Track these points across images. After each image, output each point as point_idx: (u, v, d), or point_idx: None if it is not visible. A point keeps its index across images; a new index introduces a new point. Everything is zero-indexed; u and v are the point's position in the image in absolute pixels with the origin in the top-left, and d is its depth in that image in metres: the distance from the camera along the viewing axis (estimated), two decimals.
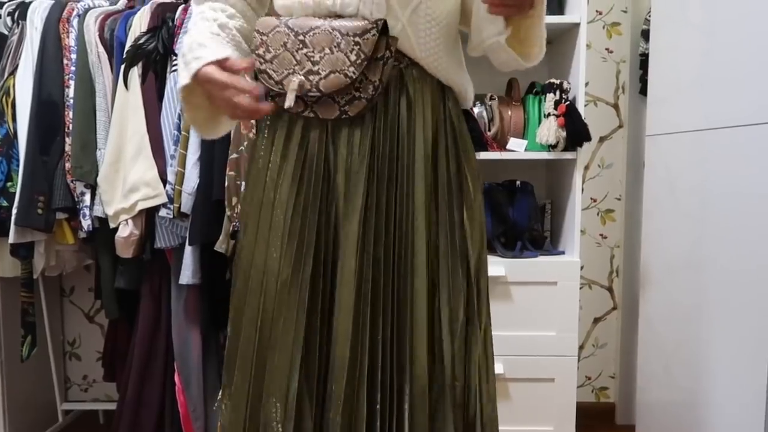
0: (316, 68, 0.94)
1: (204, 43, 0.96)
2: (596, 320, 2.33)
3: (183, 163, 1.63)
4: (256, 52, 0.99)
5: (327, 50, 0.94)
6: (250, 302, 1.01)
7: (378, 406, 0.96)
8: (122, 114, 1.67)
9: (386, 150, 0.99)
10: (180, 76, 0.96)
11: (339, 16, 0.96)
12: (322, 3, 0.96)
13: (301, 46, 0.95)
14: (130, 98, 1.67)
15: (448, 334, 0.99)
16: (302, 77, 0.95)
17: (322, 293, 0.98)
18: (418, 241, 0.98)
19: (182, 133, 1.64)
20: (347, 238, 0.96)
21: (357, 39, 0.92)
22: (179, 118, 1.65)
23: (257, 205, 1.03)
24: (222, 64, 0.93)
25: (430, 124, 1.01)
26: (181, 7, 1.72)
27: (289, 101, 0.95)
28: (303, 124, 1.00)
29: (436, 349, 0.99)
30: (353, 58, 0.92)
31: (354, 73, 0.93)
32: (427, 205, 0.99)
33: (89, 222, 1.69)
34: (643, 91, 2.13)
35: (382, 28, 0.94)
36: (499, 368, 1.80)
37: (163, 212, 1.64)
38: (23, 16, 1.77)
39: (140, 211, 1.65)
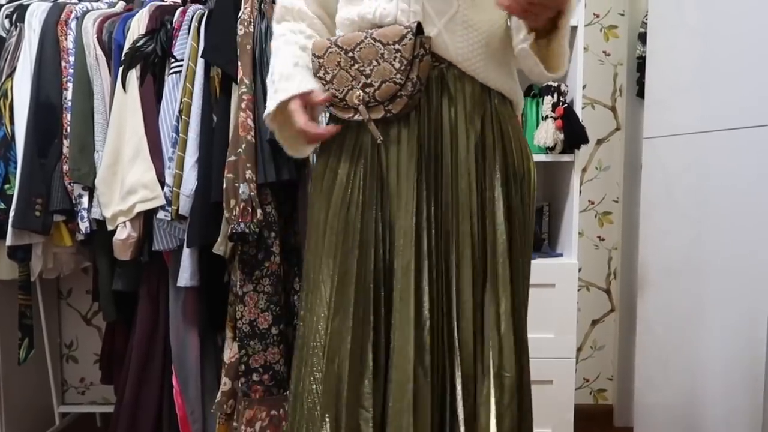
0: (369, 80, 1.02)
1: (289, 75, 1.08)
2: (594, 322, 2.33)
3: (181, 166, 1.63)
4: (317, 75, 1.07)
5: (374, 62, 1.01)
6: (313, 299, 1.08)
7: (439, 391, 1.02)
8: (120, 116, 1.67)
9: (431, 147, 1.04)
10: (268, 103, 1.09)
11: (379, 26, 1.03)
12: (365, 17, 1.04)
13: (352, 62, 1.03)
14: (128, 100, 1.67)
15: (495, 326, 1.03)
16: (360, 91, 1.03)
17: (384, 286, 1.04)
18: (463, 235, 1.03)
19: (180, 135, 1.64)
20: (403, 234, 1.02)
21: (397, 46, 0.99)
22: (177, 121, 1.65)
23: (315, 208, 1.11)
24: (305, 97, 1.06)
25: (474, 120, 1.05)
26: (179, 10, 1.72)
27: (364, 115, 1.03)
28: (356, 128, 1.07)
29: (485, 341, 1.03)
30: (397, 65, 1.00)
31: (401, 79, 1.00)
32: (471, 199, 1.03)
33: (87, 224, 1.69)
34: (641, 93, 2.14)
35: (417, 30, 1.00)
36: None
37: (161, 214, 1.63)
38: (21, 19, 1.77)
39: (138, 214, 1.65)
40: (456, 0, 1.02)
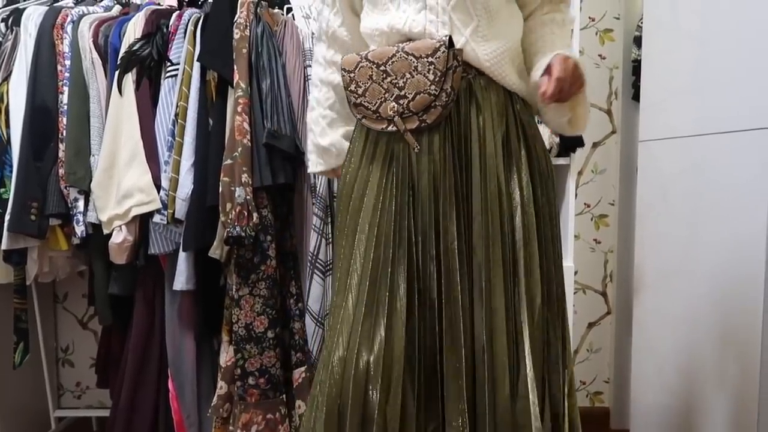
0: (403, 92, 1.06)
1: (327, 151, 1.28)
2: (590, 325, 2.33)
3: (177, 169, 1.63)
4: (349, 89, 1.12)
5: (408, 75, 1.05)
6: (340, 303, 1.11)
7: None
8: (116, 120, 1.67)
9: (461, 153, 1.08)
10: (313, 161, 1.32)
11: (409, 39, 1.08)
12: (395, 27, 1.09)
13: (384, 75, 1.07)
14: (124, 104, 1.67)
15: (529, 321, 1.06)
16: (394, 103, 1.07)
17: (418, 289, 1.07)
18: (494, 238, 1.06)
19: (176, 139, 1.64)
20: (442, 239, 1.06)
21: (430, 59, 1.03)
22: (173, 124, 1.65)
23: (346, 214, 1.14)
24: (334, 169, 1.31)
25: (500, 125, 1.09)
26: (175, 14, 1.72)
27: (400, 126, 1.07)
28: (387, 139, 1.11)
29: (518, 336, 1.06)
30: (431, 77, 1.04)
31: (435, 90, 1.04)
32: (501, 201, 1.07)
33: (83, 228, 1.69)
34: (636, 96, 2.14)
35: (449, 43, 1.04)
36: None
37: (157, 218, 1.63)
38: (17, 23, 1.77)
39: (134, 217, 1.65)
40: (475, 15, 1.07)
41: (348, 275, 1.11)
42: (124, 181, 1.64)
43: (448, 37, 1.04)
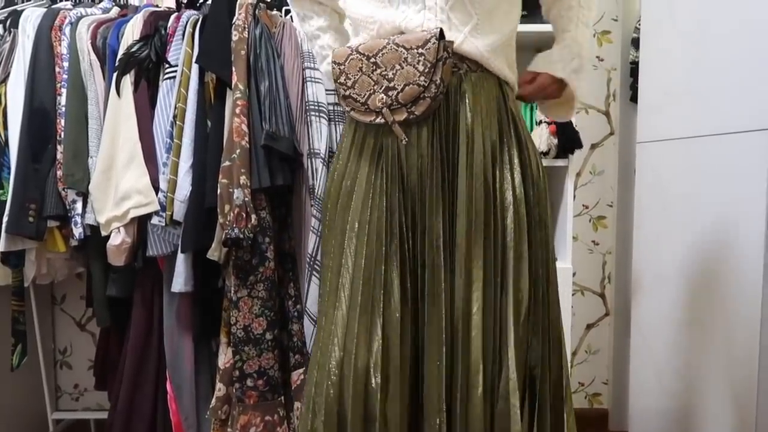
0: (392, 84, 1.06)
1: None
2: (589, 326, 2.33)
3: (175, 171, 1.63)
4: (338, 81, 1.12)
5: (397, 66, 1.05)
6: (331, 304, 1.11)
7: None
8: (114, 122, 1.67)
9: (449, 149, 1.08)
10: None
11: (401, 33, 1.08)
12: (393, 22, 1.09)
13: (374, 67, 1.07)
14: (123, 106, 1.67)
15: (514, 324, 1.06)
16: (383, 95, 1.06)
17: (411, 285, 1.07)
18: (476, 235, 1.06)
19: (174, 140, 1.64)
20: (427, 236, 1.06)
21: (421, 50, 1.03)
22: (171, 126, 1.65)
23: (335, 211, 1.14)
24: None
25: (491, 123, 1.10)
26: (173, 16, 1.72)
27: (388, 118, 1.07)
28: (375, 131, 1.11)
29: (503, 335, 1.06)
30: (421, 68, 1.03)
31: (425, 81, 1.03)
32: (487, 199, 1.07)
33: (81, 230, 1.68)
34: (634, 98, 2.15)
35: (440, 35, 1.03)
36: None
37: (155, 220, 1.63)
38: (15, 24, 1.77)
39: (132, 219, 1.64)
40: (474, 13, 1.07)
41: (339, 275, 1.10)
42: (122, 182, 1.64)
43: (439, 30, 1.04)
